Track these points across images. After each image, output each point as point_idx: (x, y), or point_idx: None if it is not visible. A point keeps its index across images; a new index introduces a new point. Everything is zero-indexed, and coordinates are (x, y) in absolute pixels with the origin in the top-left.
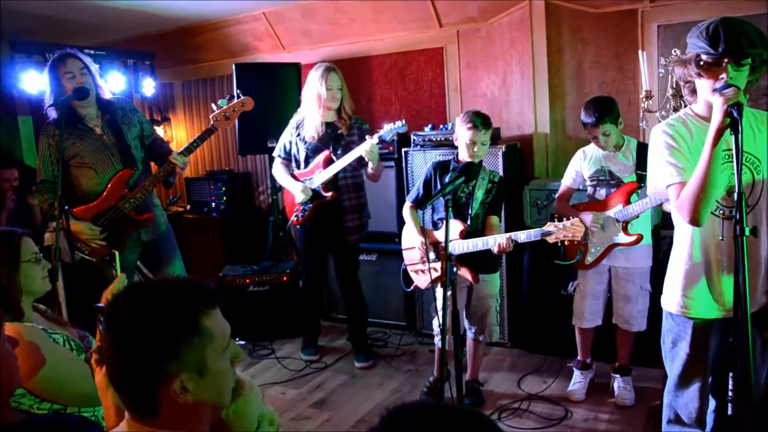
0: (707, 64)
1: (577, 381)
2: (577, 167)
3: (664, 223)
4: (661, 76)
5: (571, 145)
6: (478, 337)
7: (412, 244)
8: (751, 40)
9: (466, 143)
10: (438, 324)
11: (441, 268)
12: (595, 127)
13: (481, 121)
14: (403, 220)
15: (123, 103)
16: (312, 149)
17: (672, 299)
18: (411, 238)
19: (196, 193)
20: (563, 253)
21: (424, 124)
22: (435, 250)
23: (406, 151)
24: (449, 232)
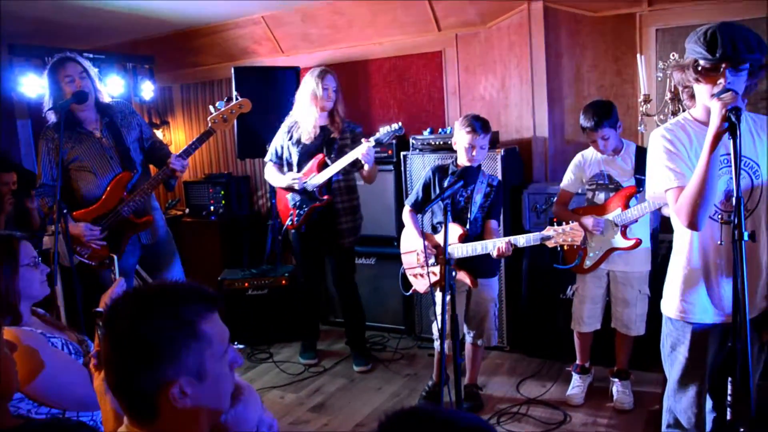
0: (705, 69)
1: (575, 385)
2: (576, 171)
3: (663, 227)
4: (659, 79)
5: (570, 149)
6: (476, 341)
7: (411, 248)
8: (748, 45)
9: (464, 147)
10: (437, 328)
11: (440, 273)
12: (593, 131)
13: (480, 125)
14: (401, 223)
15: (122, 106)
16: (305, 153)
17: (671, 304)
18: (410, 242)
19: (194, 196)
20: (562, 257)
21: (423, 128)
22: (435, 254)
23: (404, 154)
24: (448, 237)
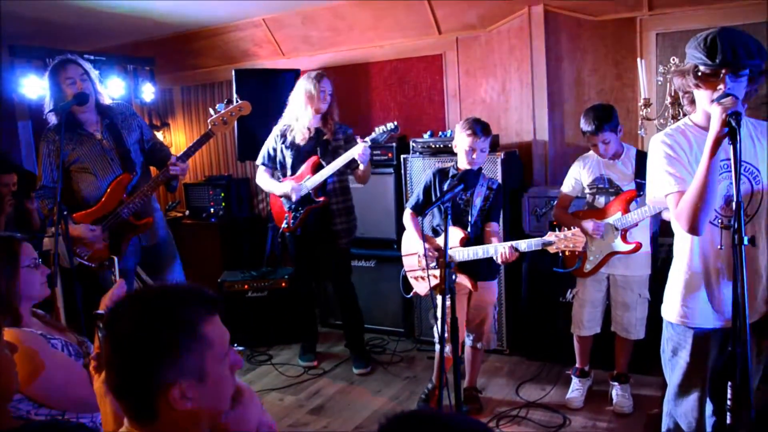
0: (705, 74)
1: (575, 388)
2: (577, 175)
3: (663, 230)
4: (659, 84)
5: (570, 152)
6: (476, 344)
7: (412, 251)
8: (748, 50)
9: (465, 150)
10: (438, 331)
11: (440, 275)
12: (594, 134)
13: (480, 128)
14: (401, 226)
15: (122, 107)
16: (299, 156)
17: (672, 308)
18: (411, 244)
19: (195, 198)
20: (562, 260)
21: (423, 130)
22: (436, 258)
23: (404, 157)
24: (448, 240)
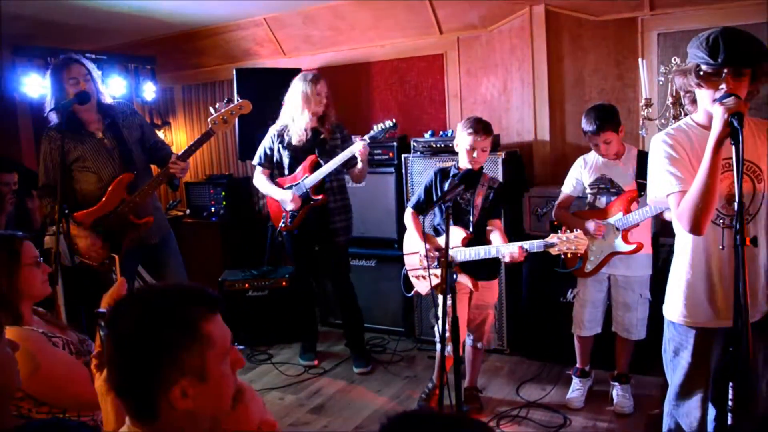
0: (707, 74)
1: (575, 389)
2: (578, 175)
3: (663, 230)
4: (660, 84)
5: (571, 152)
6: (476, 344)
7: (413, 250)
8: (750, 50)
9: (466, 149)
10: (439, 331)
11: (441, 275)
12: (596, 134)
13: (482, 127)
14: (402, 226)
15: (123, 106)
16: (296, 156)
17: (674, 308)
18: (413, 243)
19: (195, 197)
20: (563, 261)
21: (424, 130)
22: (438, 258)
23: (405, 157)
24: (449, 240)
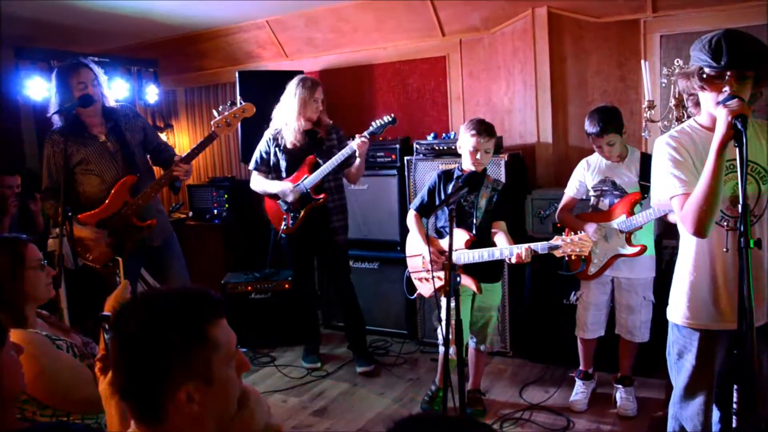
0: (710, 77)
1: (579, 391)
2: (581, 177)
3: (667, 233)
4: (663, 86)
5: (574, 154)
6: (479, 346)
7: (417, 252)
8: (754, 53)
9: (469, 150)
10: (442, 333)
11: (445, 277)
12: (599, 136)
13: (485, 129)
14: (405, 228)
15: (126, 109)
16: (294, 158)
17: (678, 311)
18: (416, 245)
19: (198, 200)
20: (566, 263)
21: (427, 132)
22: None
23: (408, 159)
24: (453, 242)
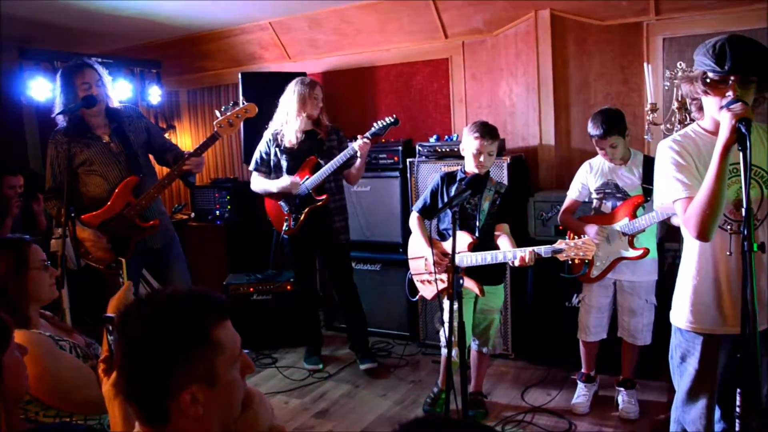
0: (714, 81)
1: (581, 394)
2: (584, 180)
3: (669, 236)
4: (666, 89)
5: (576, 157)
6: (482, 348)
7: (419, 254)
8: (757, 57)
9: (472, 153)
10: (445, 335)
11: (447, 280)
12: (602, 139)
13: (488, 131)
14: (407, 230)
15: (129, 110)
16: (294, 158)
17: (681, 314)
18: (418, 247)
19: (200, 201)
20: (568, 266)
21: (429, 134)
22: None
23: (411, 161)
24: (456, 245)
